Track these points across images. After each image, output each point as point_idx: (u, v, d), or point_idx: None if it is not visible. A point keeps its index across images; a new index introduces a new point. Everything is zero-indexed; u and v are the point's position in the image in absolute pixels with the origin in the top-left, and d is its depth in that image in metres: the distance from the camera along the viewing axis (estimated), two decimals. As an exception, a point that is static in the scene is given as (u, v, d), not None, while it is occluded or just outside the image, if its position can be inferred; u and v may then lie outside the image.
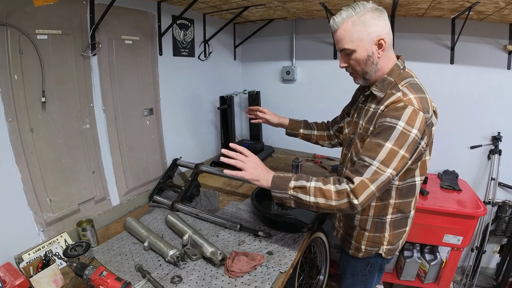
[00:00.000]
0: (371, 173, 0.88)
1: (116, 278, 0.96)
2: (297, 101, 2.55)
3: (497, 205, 2.04)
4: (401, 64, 1.02)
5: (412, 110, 0.88)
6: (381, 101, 0.99)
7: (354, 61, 1.00)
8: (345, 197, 0.90)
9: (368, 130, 1.01)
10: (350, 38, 0.95)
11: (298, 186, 0.96)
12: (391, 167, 0.88)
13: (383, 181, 0.89)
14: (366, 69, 1.00)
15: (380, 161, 0.88)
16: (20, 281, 0.99)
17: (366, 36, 0.94)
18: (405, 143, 0.88)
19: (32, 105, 1.16)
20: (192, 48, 2.04)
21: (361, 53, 0.97)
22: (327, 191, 0.92)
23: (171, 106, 1.90)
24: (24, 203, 1.17)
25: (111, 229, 1.47)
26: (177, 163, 1.89)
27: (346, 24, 0.95)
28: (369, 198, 0.89)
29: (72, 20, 1.26)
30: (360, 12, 0.93)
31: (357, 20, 0.93)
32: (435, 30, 1.97)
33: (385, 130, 0.90)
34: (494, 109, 1.97)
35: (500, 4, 1.43)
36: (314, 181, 0.96)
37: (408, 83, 0.97)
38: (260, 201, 1.57)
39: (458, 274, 2.29)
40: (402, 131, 0.87)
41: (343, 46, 0.98)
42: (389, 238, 1.12)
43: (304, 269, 1.61)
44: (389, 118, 0.90)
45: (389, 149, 0.88)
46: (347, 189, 0.90)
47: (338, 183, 0.93)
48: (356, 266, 1.23)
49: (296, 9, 1.92)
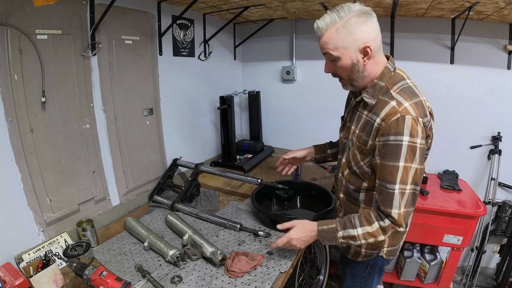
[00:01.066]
0: (398, 200, 0.91)
1: (116, 278, 0.96)
2: (297, 101, 2.55)
3: (497, 205, 2.04)
4: (391, 66, 0.99)
5: (412, 120, 0.87)
6: (373, 108, 0.97)
7: (339, 68, 0.97)
8: (390, 230, 0.95)
9: (366, 143, 0.98)
10: (334, 45, 0.92)
11: (347, 236, 0.99)
12: (409, 182, 0.90)
13: (410, 198, 0.92)
14: (352, 76, 0.98)
15: (399, 182, 0.90)
16: (20, 281, 0.99)
17: (351, 44, 0.91)
18: (415, 156, 0.89)
19: (32, 105, 1.16)
20: (192, 48, 2.04)
21: (346, 61, 0.94)
22: (375, 232, 0.96)
23: (171, 106, 1.90)
24: (24, 203, 1.17)
25: (111, 229, 1.47)
26: (177, 163, 1.89)
27: (330, 31, 0.91)
28: (408, 216, 0.94)
29: (72, 20, 1.26)
30: (345, 17, 0.89)
31: (341, 27, 0.90)
32: (435, 30, 1.97)
33: (392, 150, 0.90)
34: (494, 109, 1.97)
35: (500, 4, 1.43)
36: (359, 224, 0.97)
37: (401, 88, 0.94)
38: (260, 201, 1.57)
39: (458, 274, 2.29)
40: (409, 145, 0.88)
41: (327, 51, 0.95)
42: (389, 240, 1.12)
43: (304, 269, 1.61)
44: (393, 136, 0.89)
45: (403, 168, 0.89)
46: (390, 225, 0.94)
47: (381, 220, 0.95)
48: (355, 267, 1.23)
49: (296, 9, 1.92)
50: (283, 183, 1.59)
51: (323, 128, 2.48)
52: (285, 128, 2.69)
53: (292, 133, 2.65)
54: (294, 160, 1.46)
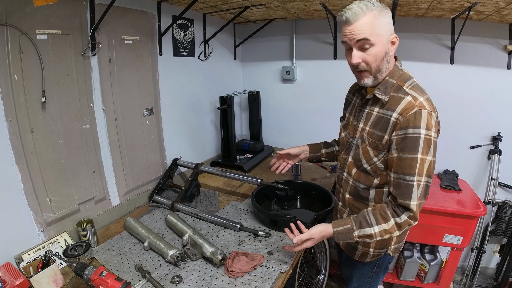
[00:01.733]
0: (417, 190, 0.92)
1: (116, 278, 0.96)
2: (297, 101, 2.55)
3: (497, 205, 2.04)
4: (400, 65, 1.02)
5: (427, 113, 0.90)
6: (385, 104, 0.98)
7: (372, 56, 0.94)
8: (406, 225, 0.96)
9: (381, 138, 0.98)
10: (372, 30, 0.90)
11: (363, 235, 1.00)
12: (425, 174, 0.92)
13: (426, 191, 0.95)
14: (380, 67, 0.96)
15: (417, 174, 0.92)
16: (20, 281, 0.99)
17: (384, 32, 0.92)
18: (430, 149, 0.91)
19: (32, 105, 1.16)
20: (192, 48, 2.04)
21: (380, 48, 0.93)
22: (391, 228, 0.97)
23: (171, 106, 1.90)
24: (24, 203, 1.17)
25: (111, 229, 1.47)
26: (177, 163, 1.89)
27: (367, 16, 0.89)
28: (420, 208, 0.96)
29: (72, 20, 1.26)
30: (378, 7, 0.91)
31: (377, 15, 0.90)
32: (435, 30, 1.97)
33: (411, 142, 0.91)
34: (494, 109, 1.97)
35: (500, 4, 1.43)
36: (375, 222, 0.98)
37: (412, 84, 0.97)
38: (260, 201, 1.57)
39: (458, 274, 2.29)
40: (425, 138, 0.90)
41: (364, 36, 0.90)
42: (396, 238, 1.12)
43: (304, 269, 1.61)
44: (411, 129, 0.91)
45: (420, 160, 0.91)
46: (407, 220, 0.95)
47: (397, 216, 0.96)
48: (362, 269, 1.22)
49: (296, 9, 1.92)
50: (283, 183, 1.59)
51: (323, 128, 2.48)
52: (285, 128, 2.69)
53: (292, 133, 2.65)
54: (288, 157, 1.43)
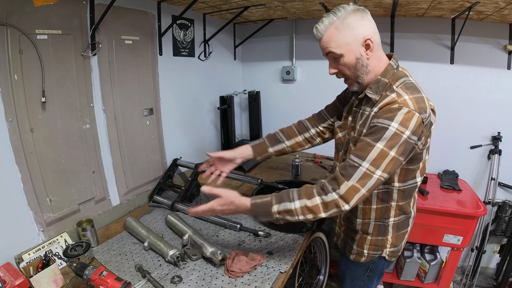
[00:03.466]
0: (361, 175, 0.86)
1: (116, 278, 0.96)
2: (297, 101, 2.55)
3: (497, 205, 2.04)
4: (395, 64, 0.99)
5: (407, 111, 0.85)
6: (376, 104, 0.96)
7: (343, 66, 0.96)
8: (334, 207, 0.89)
9: (361, 133, 0.98)
10: (336, 43, 0.92)
11: (283, 210, 0.94)
12: (380, 168, 0.86)
13: (374, 184, 0.87)
14: (357, 73, 0.97)
15: (370, 161, 0.86)
16: (20, 281, 0.99)
17: (352, 39, 0.91)
18: (396, 145, 0.85)
19: (32, 105, 1.16)
20: (192, 48, 2.04)
21: (350, 57, 0.93)
22: (314, 207, 0.90)
23: (171, 106, 1.90)
24: (24, 203, 1.17)
25: (111, 229, 1.47)
26: (177, 163, 1.89)
27: (330, 30, 0.92)
28: (359, 200, 0.89)
29: (72, 20, 1.26)
30: (342, 16, 0.90)
31: (340, 25, 0.91)
32: (435, 30, 1.97)
33: (377, 130, 0.87)
34: (494, 109, 1.97)
35: (500, 4, 1.43)
36: (297, 198, 0.92)
37: (403, 83, 0.94)
38: (260, 201, 1.57)
39: (458, 274, 2.29)
40: (395, 132, 0.85)
41: (329, 50, 0.94)
42: (392, 241, 1.11)
43: (304, 269, 1.61)
44: (382, 119, 0.87)
45: (380, 150, 0.85)
46: (335, 199, 0.88)
47: (324, 193, 0.90)
48: (355, 271, 1.21)
49: (296, 9, 1.92)
50: (283, 183, 1.59)
51: (323, 128, 2.48)
52: (285, 128, 2.69)
53: (292, 133, 2.65)
54: (221, 162, 1.32)
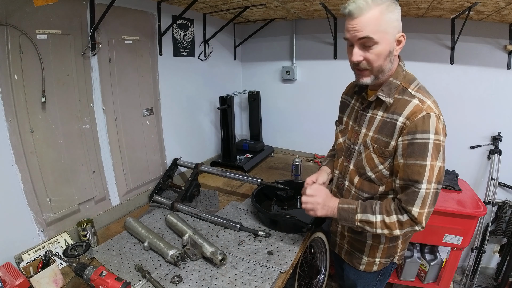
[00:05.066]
0: (422, 199, 0.88)
1: (116, 278, 0.96)
2: (297, 101, 2.55)
3: (497, 205, 2.04)
4: (403, 65, 0.97)
5: (435, 117, 0.86)
6: (390, 108, 0.93)
7: (375, 55, 0.87)
8: (408, 226, 0.92)
9: (387, 145, 0.94)
10: (377, 27, 0.83)
11: (365, 220, 0.96)
12: (434, 181, 0.88)
13: (434, 198, 0.90)
14: (383, 66, 0.90)
15: (426, 182, 0.88)
16: (20, 281, 0.99)
17: (391, 30, 0.86)
18: (439, 154, 0.88)
19: (32, 105, 1.16)
20: (192, 48, 2.04)
21: (384, 47, 0.86)
22: (391, 224, 0.93)
23: (171, 106, 1.90)
24: (24, 203, 1.17)
25: (111, 229, 1.47)
26: (177, 163, 1.89)
27: (373, 11, 0.82)
28: (429, 216, 0.92)
29: (72, 20, 1.26)
30: (387, 1, 0.84)
31: (385, 10, 0.83)
32: (435, 30, 1.97)
33: (419, 148, 0.87)
34: (494, 109, 1.97)
35: (500, 4, 1.43)
36: (378, 211, 0.95)
37: (417, 86, 0.93)
38: (260, 201, 1.57)
39: (458, 274, 2.29)
40: (435, 144, 0.86)
41: (367, 34, 0.84)
42: (401, 245, 1.10)
43: (304, 269, 1.61)
44: (419, 134, 0.87)
45: (429, 166, 0.87)
46: (409, 220, 0.91)
47: (400, 214, 0.92)
48: (367, 278, 1.18)
49: (296, 9, 1.92)
50: (283, 183, 1.59)
51: (323, 128, 2.48)
52: (285, 128, 2.69)
53: (292, 133, 2.65)
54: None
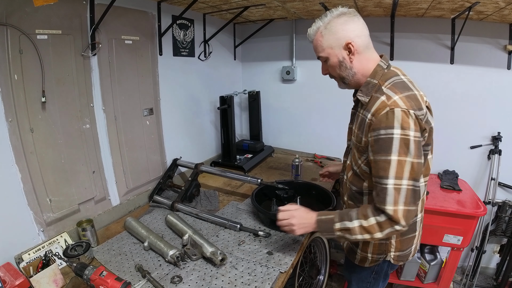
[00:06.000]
0: (393, 194, 0.88)
1: (116, 278, 0.96)
2: (297, 101, 2.56)
3: (497, 205, 2.04)
4: (384, 64, 1.00)
5: (401, 112, 0.86)
6: (367, 106, 0.97)
7: (331, 67, 1.04)
8: (389, 227, 0.91)
9: (361, 140, 0.99)
10: (321, 47, 1.01)
11: (343, 228, 0.98)
12: (406, 177, 0.87)
13: (407, 195, 0.88)
14: (341, 74, 1.03)
15: (393, 177, 0.87)
16: (20, 281, 0.99)
17: (334, 43, 0.98)
18: (409, 149, 0.86)
19: (32, 105, 1.16)
20: (192, 48, 2.04)
21: (333, 60, 1.01)
22: (370, 227, 0.93)
23: (171, 106, 1.90)
24: (24, 203, 1.17)
25: (111, 229, 1.47)
26: (177, 163, 1.89)
27: (317, 35, 1.02)
28: (409, 215, 0.90)
29: (72, 20, 1.26)
30: (327, 21, 0.98)
31: (323, 30, 0.99)
32: (435, 30, 1.97)
33: (384, 143, 0.88)
34: (494, 109, 1.97)
35: (500, 4, 1.43)
36: (355, 217, 0.96)
37: (392, 83, 0.94)
38: (260, 201, 1.57)
39: (458, 274, 2.29)
40: (401, 138, 0.85)
41: (319, 54, 1.05)
42: (396, 245, 1.10)
43: (304, 269, 1.61)
44: (383, 130, 0.88)
45: (396, 162, 0.86)
46: (387, 221, 0.90)
47: (378, 215, 0.92)
48: (361, 273, 1.21)
49: (296, 9, 1.92)
50: (283, 183, 1.59)
51: (323, 128, 2.48)
52: (285, 128, 2.69)
53: (292, 133, 2.65)
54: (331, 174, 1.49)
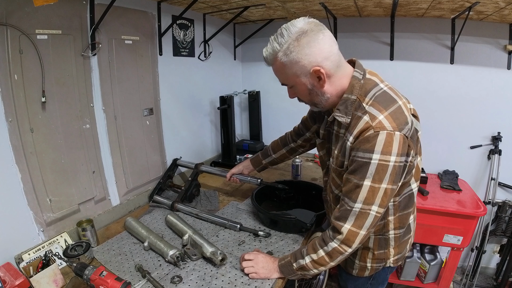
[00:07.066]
0: (356, 217, 0.84)
1: (116, 278, 0.96)
2: (296, 101, 2.54)
3: (497, 205, 2.04)
4: (359, 73, 0.88)
5: (386, 135, 0.78)
6: (348, 127, 0.88)
7: (298, 93, 0.93)
8: (338, 255, 0.90)
9: (342, 164, 0.91)
10: (285, 75, 0.88)
11: (300, 267, 0.98)
12: (375, 204, 0.82)
13: (372, 221, 0.85)
14: (313, 100, 0.92)
15: (362, 202, 0.83)
16: (20, 281, 0.99)
17: (299, 71, 0.84)
18: (385, 176, 0.80)
19: (32, 105, 1.16)
20: (192, 48, 2.04)
21: (301, 87, 0.89)
22: (320, 259, 0.93)
23: (171, 106, 1.90)
24: (24, 203, 1.17)
25: (111, 229, 1.47)
26: (177, 163, 1.89)
27: (276, 63, 0.86)
28: (362, 241, 0.88)
29: (72, 20, 1.26)
30: (285, 44, 0.81)
31: (283, 57, 0.83)
32: (435, 30, 1.97)
33: (359, 167, 0.81)
34: (494, 109, 1.97)
35: (500, 4, 1.43)
36: (306, 253, 0.96)
37: (374, 97, 0.84)
38: (260, 201, 1.57)
39: (458, 274, 2.30)
40: (379, 164, 0.79)
41: (282, 82, 0.92)
42: (395, 251, 1.07)
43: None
44: (361, 153, 0.81)
45: (369, 187, 0.81)
46: (336, 247, 0.89)
47: (325, 244, 0.91)
48: (358, 281, 1.17)
49: (296, 9, 1.92)
50: (283, 183, 1.59)
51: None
52: (285, 128, 2.66)
53: (292, 133, 2.65)
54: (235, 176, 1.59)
